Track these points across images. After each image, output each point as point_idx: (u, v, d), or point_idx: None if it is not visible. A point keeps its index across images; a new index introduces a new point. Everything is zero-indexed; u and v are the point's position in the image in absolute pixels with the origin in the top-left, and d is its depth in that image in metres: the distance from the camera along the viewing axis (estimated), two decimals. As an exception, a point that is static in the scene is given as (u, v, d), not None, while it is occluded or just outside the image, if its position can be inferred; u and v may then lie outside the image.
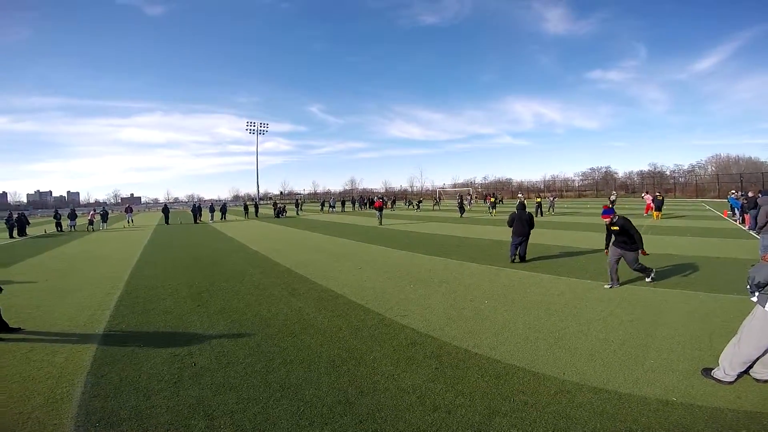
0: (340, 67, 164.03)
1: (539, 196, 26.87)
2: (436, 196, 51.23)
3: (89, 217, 27.88)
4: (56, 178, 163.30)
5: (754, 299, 3.33)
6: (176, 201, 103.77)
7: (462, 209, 25.71)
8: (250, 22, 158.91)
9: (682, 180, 58.85)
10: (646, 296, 5.99)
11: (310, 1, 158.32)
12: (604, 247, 7.18)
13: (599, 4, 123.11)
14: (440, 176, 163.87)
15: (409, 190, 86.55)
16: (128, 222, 29.83)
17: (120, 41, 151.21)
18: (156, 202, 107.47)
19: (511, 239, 9.31)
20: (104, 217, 28.23)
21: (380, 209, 22.80)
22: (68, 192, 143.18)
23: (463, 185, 74.42)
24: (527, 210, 9.55)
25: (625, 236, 6.53)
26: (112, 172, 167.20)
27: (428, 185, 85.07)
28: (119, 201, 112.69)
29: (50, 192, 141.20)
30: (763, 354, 3.27)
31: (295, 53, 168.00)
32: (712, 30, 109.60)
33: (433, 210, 35.36)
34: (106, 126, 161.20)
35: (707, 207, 28.17)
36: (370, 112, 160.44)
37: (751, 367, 3.36)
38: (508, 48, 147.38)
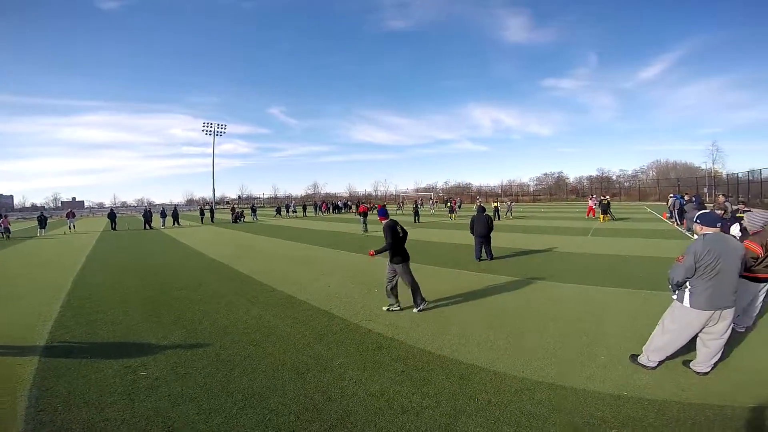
0: (303, 68, 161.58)
1: (496, 201, 27.84)
2: (399, 201, 51.77)
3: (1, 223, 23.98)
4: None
5: (674, 297, 3.66)
6: (124, 205, 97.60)
7: (417, 215, 25.87)
8: (210, 19, 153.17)
9: (626, 184, 63.33)
10: (595, 296, 6.36)
11: (275, 1, 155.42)
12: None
13: (557, 13, 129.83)
14: (404, 181, 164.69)
15: (374, 194, 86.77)
16: (70, 228, 27.69)
17: (65, 35, 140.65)
18: (101, 206, 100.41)
19: (474, 241, 10.06)
20: (42, 222, 26.06)
21: (365, 215, 20.76)
22: (0, 195, 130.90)
23: (426, 190, 75.80)
24: (486, 213, 10.29)
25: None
26: (51, 174, 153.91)
27: (392, 190, 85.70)
28: (59, 205, 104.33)
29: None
30: (686, 344, 3.60)
31: (257, 53, 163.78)
32: (656, 40, 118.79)
33: (396, 214, 35.65)
34: (45, 125, 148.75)
35: (648, 210, 30.44)
36: (334, 115, 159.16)
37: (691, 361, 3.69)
38: (470, 54, 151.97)
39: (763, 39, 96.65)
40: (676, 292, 3.61)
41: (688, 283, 3.47)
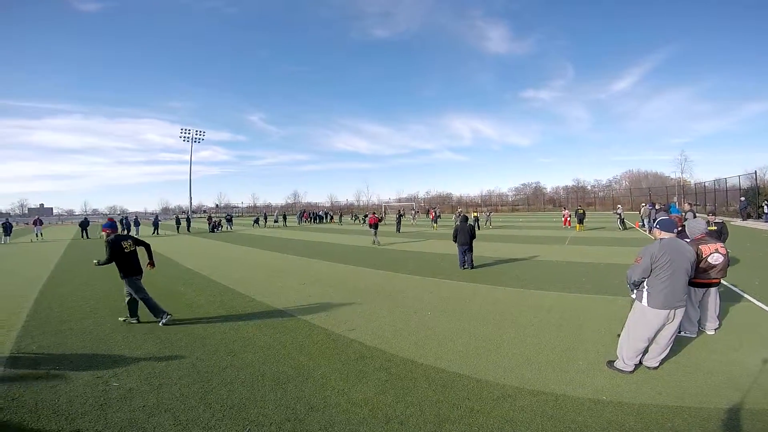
0: (284, 76, 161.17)
1: (475, 211, 28.24)
2: (381, 211, 51.80)
3: None
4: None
5: (633, 296, 3.92)
6: (95, 213, 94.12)
7: (399, 225, 25.88)
8: (189, 24, 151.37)
9: (601, 194, 65.39)
10: (572, 302, 6.49)
11: (258, 7, 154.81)
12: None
13: (536, 25, 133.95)
14: (386, 190, 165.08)
15: (356, 204, 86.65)
16: (37, 236, 26.53)
17: (40, 36, 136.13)
18: (71, 214, 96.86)
19: (457, 250, 10.22)
20: (7, 229, 24.86)
21: (375, 226, 17.92)
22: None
23: (408, 199, 76.11)
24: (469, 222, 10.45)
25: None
26: (17, 180, 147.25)
27: (374, 199, 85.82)
28: (26, 212, 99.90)
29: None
30: (650, 343, 3.80)
31: (237, 58, 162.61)
32: (627, 52, 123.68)
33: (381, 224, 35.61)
34: (11, 128, 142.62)
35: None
36: (314, 123, 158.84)
37: (643, 356, 3.88)
38: (451, 65, 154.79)
39: (725, 50, 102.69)
40: (635, 291, 3.87)
41: (645, 284, 3.72)
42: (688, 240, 4.81)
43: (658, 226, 3.88)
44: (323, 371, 4.06)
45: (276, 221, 40.25)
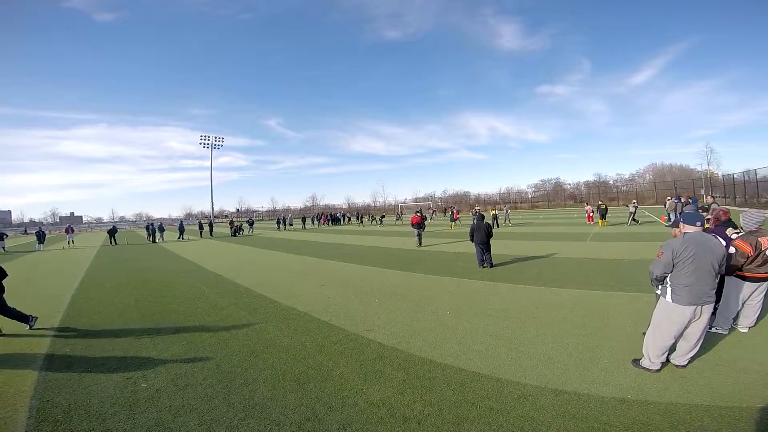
0: (300, 80, 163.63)
1: (494, 209, 27.91)
2: (398, 211, 51.79)
3: None
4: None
5: (658, 292, 3.80)
6: (122, 220, 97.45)
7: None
8: (206, 32, 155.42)
9: (624, 188, 63.54)
10: (596, 300, 6.34)
11: (272, 13, 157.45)
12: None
13: (548, 20, 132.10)
14: (402, 191, 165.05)
15: (372, 205, 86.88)
16: (69, 243, 27.68)
17: (64, 47, 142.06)
18: (100, 221, 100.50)
19: (475, 248, 10.14)
20: (40, 237, 26.05)
21: (419, 225, 16.43)
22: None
23: (424, 199, 75.90)
24: (485, 221, 10.37)
25: None
26: (49, 189, 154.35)
27: (390, 200, 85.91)
28: (58, 220, 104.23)
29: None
30: (677, 340, 3.67)
31: (253, 65, 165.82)
32: (645, 45, 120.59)
33: (395, 225, 35.67)
34: (42, 138, 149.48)
35: (647, 213, 30.47)
36: (331, 126, 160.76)
37: (671, 354, 3.77)
38: (465, 63, 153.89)
39: (750, 41, 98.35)
40: (659, 287, 3.77)
41: (668, 280, 3.61)
42: (739, 233, 4.60)
43: (682, 220, 3.77)
44: (342, 371, 4.09)
45: (291, 224, 41.06)
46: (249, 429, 3.04)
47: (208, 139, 68.05)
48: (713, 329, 4.51)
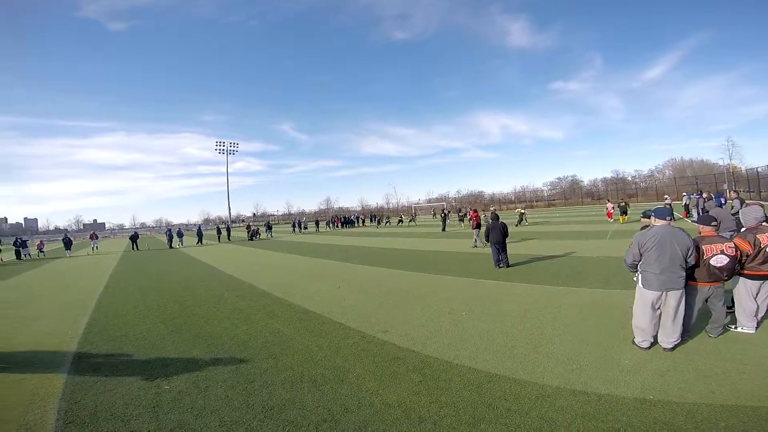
0: (311, 84, 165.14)
1: (523, 208, 27.53)
2: (412, 212, 51.70)
3: (37, 246, 28.69)
4: (11, 204, 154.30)
5: (635, 279, 4.29)
6: (143, 226, 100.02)
7: (444, 224, 25.74)
8: (217, 39, 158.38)
9: (643, 185, 61.99)
10: (616, 299, 6.21)
11: (280, 18, 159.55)
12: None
13: (557, 16, 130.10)
14: (415, 192, 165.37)
15: (386, 207, 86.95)
16: (93, 249, 28.60)
17: (80, 57, 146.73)
18: (122, 228, 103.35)
19: (491, 249, 10.14)
20: (67, 244, 27.03)
21: (480, 226, 15.08)
22: (25, 218, 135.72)
23: (438, 200, 75.51)
24: (500, 220, 10.40)
25: None
26: (72, 197, 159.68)
27: (404, 201, 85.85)
28: (81, 227, 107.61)
29: (5, 219, 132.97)
30: (658, 323, 4.07)
31: (264, 71, 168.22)
32: (658, 39, 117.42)
33: (409, 225, 35.64)
34: (63, 147, 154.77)
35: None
36: (342, 129, 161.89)
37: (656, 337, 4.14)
38: (474, 62, 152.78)
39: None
40: (635, 275, 4.30)
41: (639, 267, 4.18)
42: (738, 230, 4.51)
43: (652, 214, 4.27)
44: (358, 373, 4.12)
45: (306, 227, 41.60)
46: (267, 430, 3.09)
47: (224, 145, 69.39)
48: (738, 329, 4.38)
